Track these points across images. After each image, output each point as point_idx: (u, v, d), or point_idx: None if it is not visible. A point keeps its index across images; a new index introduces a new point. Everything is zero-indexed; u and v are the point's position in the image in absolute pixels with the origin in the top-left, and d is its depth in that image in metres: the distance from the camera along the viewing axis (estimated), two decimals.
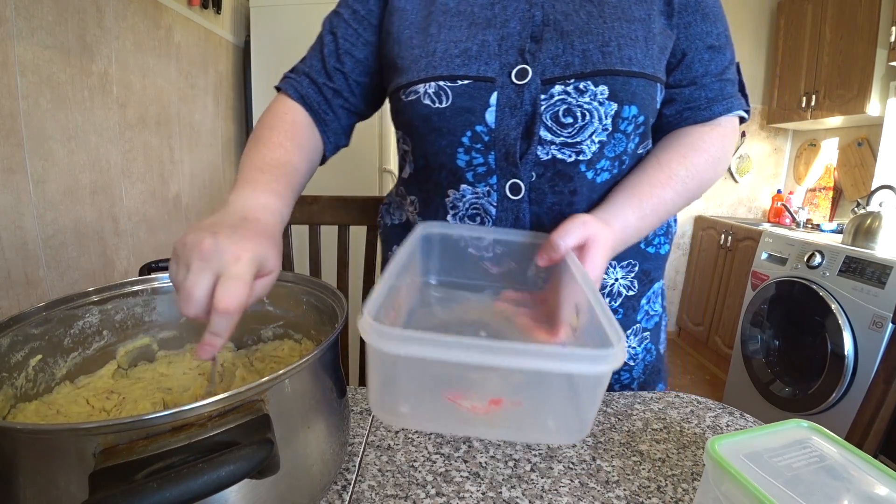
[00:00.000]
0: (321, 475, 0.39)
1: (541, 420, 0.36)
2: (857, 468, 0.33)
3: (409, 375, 0.34)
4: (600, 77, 0.53)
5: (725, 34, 0.60)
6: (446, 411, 0.34)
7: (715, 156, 0.60)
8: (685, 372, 2.72)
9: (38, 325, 0.43)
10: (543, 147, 0.55)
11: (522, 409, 0.35)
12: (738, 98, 0.62)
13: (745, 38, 2.90)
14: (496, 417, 0.34)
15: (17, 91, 1.04)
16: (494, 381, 0.34)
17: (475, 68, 0.55)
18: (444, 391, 0.33)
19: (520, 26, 0.55)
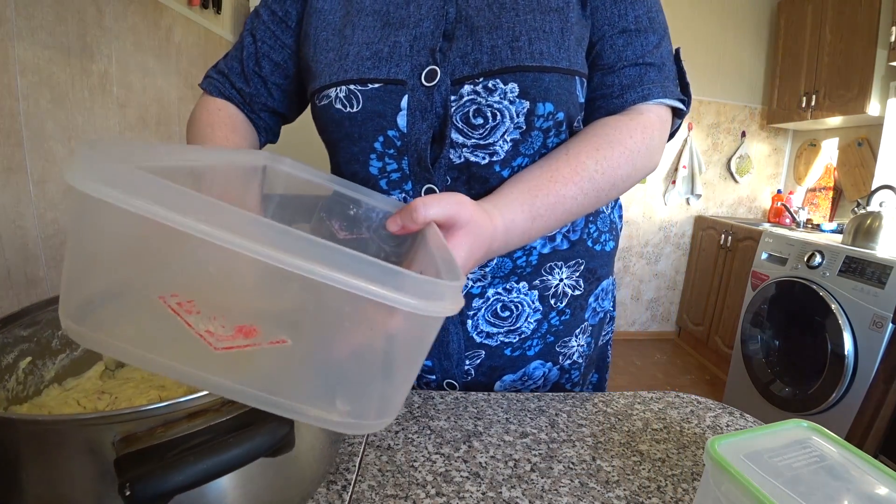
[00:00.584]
0: (316, 466, 0.40)
1: (315, 382, 0.24)
2: (857, 468, 0.33)
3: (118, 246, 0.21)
4: (509, 74, 0.50)
5: (648, 17, 0.55)
6: (163, 329, 0.21)
7: (632, 149, 0.53)
8: (685, 372, 2.72)
9: (26, 326, 0.42)
10: (455, 150, 0.53)
11: (287, 354, 0.22)
12: (663, 85, 0.56)
13: (745, 38, 2.90)
14: (241, 358, 0.22)
15: (17, 91, 1.04)
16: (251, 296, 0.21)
17: (385, 70, 0.52)
18: (164, 293, 0.20)
19: (433, 25, 0.53)
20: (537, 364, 0.63)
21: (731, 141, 3.02)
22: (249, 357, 0.22)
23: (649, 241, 3.07)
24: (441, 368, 0.62)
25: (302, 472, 0.39)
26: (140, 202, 0.18)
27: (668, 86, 0.57)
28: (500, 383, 0.64)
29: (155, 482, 0.26)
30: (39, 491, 0.31)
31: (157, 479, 0.26)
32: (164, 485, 0.26)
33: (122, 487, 0.25)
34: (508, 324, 0.61)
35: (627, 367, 2.75)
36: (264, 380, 0.23)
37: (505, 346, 0.61)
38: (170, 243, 0.19)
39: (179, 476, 0.26)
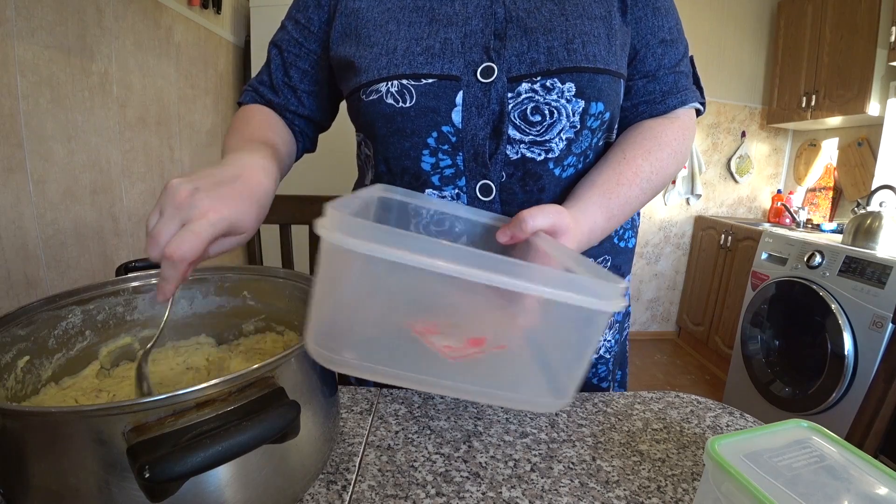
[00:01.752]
0: (313, 460, 0.41)
1: (520, 376, 0.29)
2: (857, 468, 0.33)
3: (367, 289, 0.26)
4: (567, 74, 0.52)
5: (677, 28, 0.61)
6: (408, 351, 0.26)
7: (677, 150, 0.59)
8: (685, 372, 2.72)
9: (24, 326, 0.43)
10: (513, 146, 0.54)
11: (505, 358, 0.28)
12: (693, 90, 0.62)
13: (745, 38, 2.90)
14: (470, 366, 0.27)
15: (17, 91, 1.04)
16: (479, 316, 0.27)
17: (439, 66, 0.53)
18: (410, 321, 0.26)
19: (482, 23, 0.54)
20: None
21: (731, 141, 3.02)
22: (478, 362, 0.27)
23: (649, 241, 3.07)
24: None
25: (295, 469, 0.39)
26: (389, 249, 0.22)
27: (694, 90, 0.62)
28: None
29: (172, 464, 0.27)
30: (47, 483, 0.31)
31: (174, 461, 0.27)
32: (182, 466, 0.27)
33: (141, 469, 0.26)
34: None
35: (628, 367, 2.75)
36: (486, 378, 0.27)
37: None
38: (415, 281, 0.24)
39: (195, 458, 0.27)
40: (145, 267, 0.54)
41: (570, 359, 0.28)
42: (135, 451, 0.28)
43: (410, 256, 0.22)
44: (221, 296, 0.57)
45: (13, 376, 0.41)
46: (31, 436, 0.31)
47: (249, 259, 1.05)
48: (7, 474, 0.33)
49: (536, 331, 0.28)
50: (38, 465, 0.31)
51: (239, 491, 0.34)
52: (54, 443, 0.30)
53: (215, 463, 0.28)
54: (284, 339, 0.56)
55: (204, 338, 0.57)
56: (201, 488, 0.32)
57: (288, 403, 0.32)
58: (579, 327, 0.27)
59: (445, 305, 0.26)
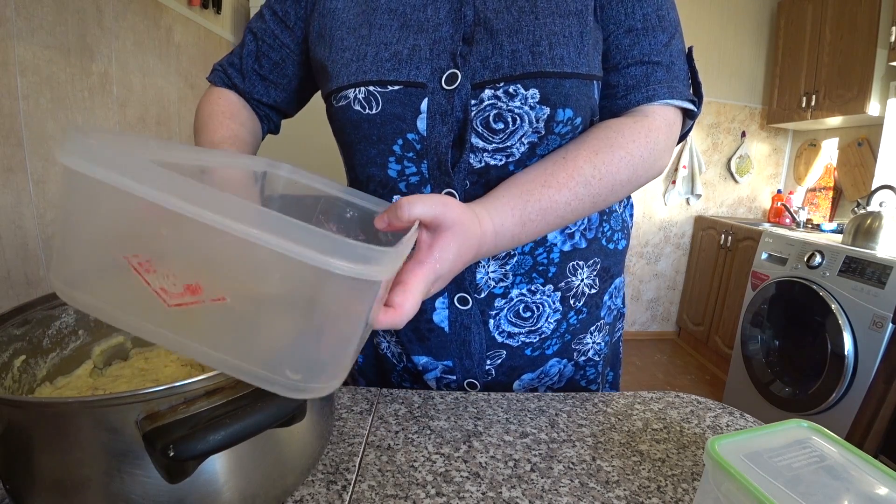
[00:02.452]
0: (308, 452, 0.41)
1: (258, 340, 0.26)
2: (857, 468, 0.33)
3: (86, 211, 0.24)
4: (530, 80, 0.49)
5: (657, 14, 0.53)
6: (125, 288, 0.24)
7: (635, 154, 0.51)
8: (685, 372, 2.72)
9: (19, 325, 0.43)
10: (476, 154, 0.53)
11: (229, 312, 0.24)
12: (671, 85, 0.54)
13: (745, 38, 2.90)
14: (189, 316, 0.24)
15: (17, 91, 1.04)
16: (199, 256, 0.23)
17: (406, 73, 0.52)
18: (128, 253, 0.23)
19: (452, 28, 0.52)
20: (553, 361, 0.64)
21: (731, 141, 3.02)
22: (198, 314, 0.24)
23: (649, 241, 3.07)
24: (462, 368, 0.62)
25: (290, 461, 0.40)
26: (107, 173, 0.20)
27: (676, 86, 0.54)
28: (520, 382, 0.64)
29: (195, 442, 0.28)
30: (56, 475, 0.32)
31: (197, 439, 0.28)
32: (205, 444, 0.28)
33: (165, 449, 0.28)
34: (530, 324, 0.61)
35: (627, 367, 2.75)
36: (210, 336, 0.25)
37: (525, 346, 0.62)
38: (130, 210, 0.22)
39: (217, 436, 0.29)
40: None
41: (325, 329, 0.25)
42: (151, 436, 0.29)
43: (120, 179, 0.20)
44: None
45: (10, 376, 0.41)
46: (40, 428, 0.31)
47: None
48: (12, 468, 0.33)
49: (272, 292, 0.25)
50: (46, 457, 0.32)
51: (235, 482, 0.35)
52: (64, 434, 0.31)
53: (234, 441, 0.29)
54: None
55: None
56: (199, 477, 0.33)
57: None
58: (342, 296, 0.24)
59: (155, 237, 0.23)
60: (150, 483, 0.31)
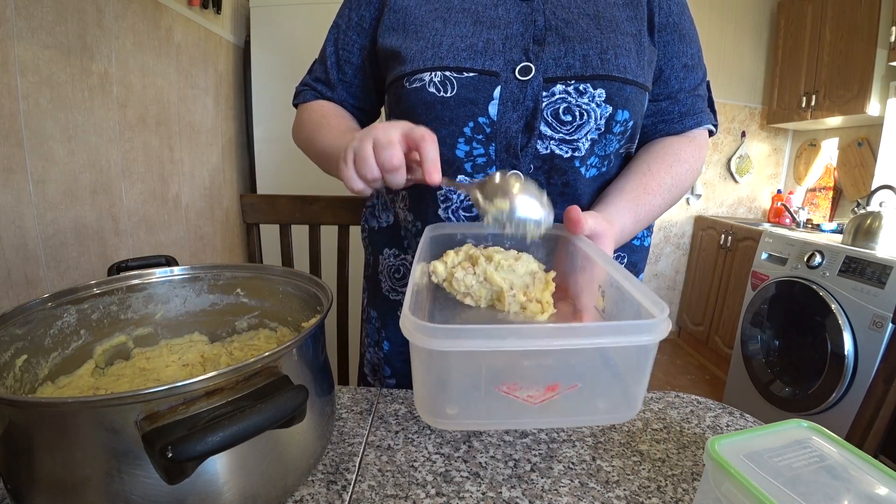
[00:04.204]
0: (309, 452, 0.42)
1: (593, 402, 0.35)
2: (857, 468, 0.33)
3: (460, 372, 0.33)
4: (598, 81, 0.56)
5: (698, 54, 0.66)
6: (500, 405, 0.33)
7: (693, 166, 0.65)
8: (685, 372, 2.72)
9: (21, 325, 0.43)
10: (543, 141, 0.58)
11: (577, 393, 0.34)
12: (708, 113, 0.67)
13: (745, 38, 2.90)
14: (550, 404, 0.33)
15: (17, 91, 1.04)
16: (549, 367, 0.33)
17: (480, 62, 0.57)
18: (497, 385, 0.32)
19: (523, 28, 0.58)
20: None
21: (731, 141, 3.02)
22: (556, 401, 0.33)
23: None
24: None
25: (290, 461, 0.40)
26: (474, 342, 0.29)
27: (709, 113, 0.68)
28: None
29: (194, 443, 0.28)
30: (56, 474, 0.32)
31: (196, 440, 0.28)
32: (203, 445, 0.28)
33: (164, 450, 0.28)
34: None
35: None
36: (565, 410, 0.34)
37: None
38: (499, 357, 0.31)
39: (215, 437, 0.29)
40: (137, 266, 0.54)
41: (633, 379, 0.34)
42: (151, 436, 0.29)
43: (483, 343, 0.28)
44: (214, 293, 0.57)
45: (12, 375, 0.41)
46: (40, 428, 0.31)
47: (249, 258, 1.05)
48: (13, 468, 0.33)
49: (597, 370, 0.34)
50: (46, 457, 0.32)
51: (235, 482, 0.35)
52: (64, 434, 0.31)
53: (233, 442, 0.29)
54: (277, 336, 0.57)
55: (197, 335, 0.57)
56: (199, 477, 0.33)
57: (296, 388, 0.34)
58: (635, 357, 0.33)
59: (520, 369, 0.32)
60: (150, 483, 0.31)
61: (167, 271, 0.55)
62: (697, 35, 0.67)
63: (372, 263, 0.76)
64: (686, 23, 0.65)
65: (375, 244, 0.75)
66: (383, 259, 0.73)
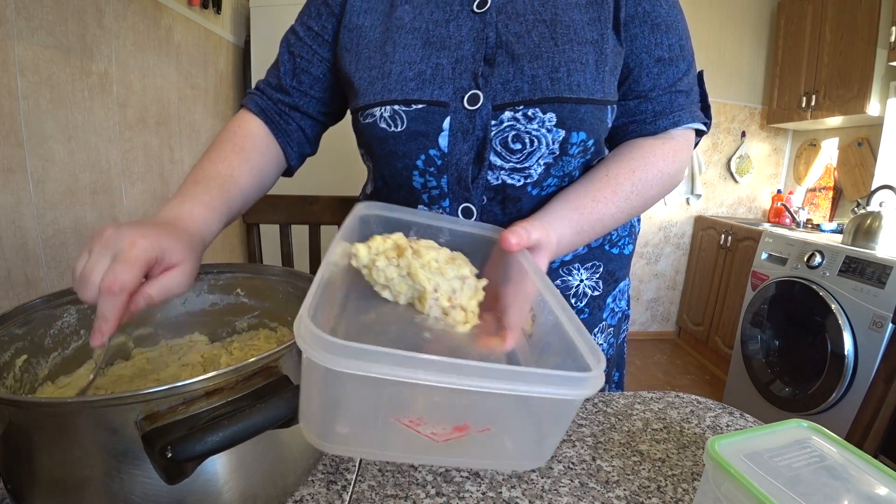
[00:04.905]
0: (309, 452, 0.42)
1: (502, 446, 0.32)
2: (857, 468, 0.33)
3: (357, 396, 0.29)
4: (548, 104, 0.52)
5: (679, 44, 0.58)
6: (399, 438, 0.29)
7: (664, 171, 0.58)
8: (685, 372, 2.72)
9: (21, 325, 0.43)
10: (493, 172, 0.55)
11: (490, 436, 0.30)
12: (690, 110, 0.60)
13: (745, 38, 2.90)
14: (457, 444, 0.29)
15: (17, 91, 1.04)
16: (462, 406, 0.29)
17: (429, 92, 0.54)
18: (399, 416, 0.28)
19: (474, 48, 0.55)
20: None
21: (731, 141, 3.02)
22: (463, 441, 0.30)
23: (649, 241, 3.07)
24: None
25: (289, 462, 0.40)
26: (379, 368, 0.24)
27: (694, 110, 0.60)
28: None
29: (193, 444, 0.28)
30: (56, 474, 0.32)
31: (195, 441, 0.28)
32: (203, 445, 0.28)
33: (164, 450, 0.28)
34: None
35: (628, 367, 2.74)
36: (473, 452, 0.31)
37: None
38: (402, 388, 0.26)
39: (215, 437, 0.29)
40: None
41: (551, 429, 0.31)
42: (151, 436, 0.29)
43: (389, 370, 0.24)
44: (214, 293, 0.57)
45: (12, 375, 0.41)
46: (40, 428, 0.31)
47: (249, 259, 1.05)
48: (13, 468, 0.33)
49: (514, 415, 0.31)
50: (46, 457, 0.32)
51: (235, 482, 0.35)
52: (64, 434, 0.31)
53: (233, 442, 0.30)
54: (277, 336, 0.57)
55: (197, 335, 0.57)
56: (199, 477, 0.33)
57: (296, 388, 0.34)
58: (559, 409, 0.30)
59: (427, 404, 0.29)
60: (150, 483, 0.31)
61: None
62: (679, 22, 0.59)
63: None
64: (661, 10, 0.57)
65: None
66: None
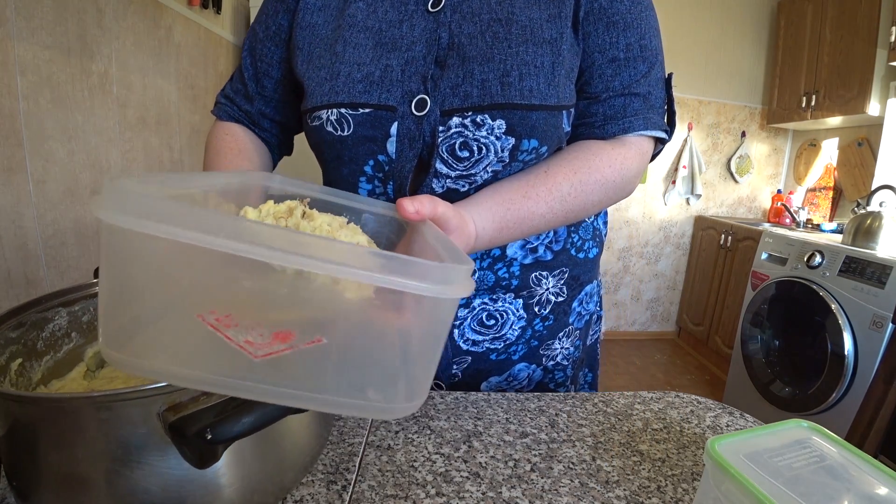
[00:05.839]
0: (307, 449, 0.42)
1: (345, 372, 0.25)
2: (857, 468, 0.33)
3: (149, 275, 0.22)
4: (498, 111, 0.50)
5: (640, 44, 0.54)
6: (207, 347, 0.22)
7: (608, 178, 0.54)
8: (685, 372, 2.72)
9: (14, 328, 0.42)
10: (439, 180, 0.53)
11: (323, 353, 0.23)
12: (646, 116, 0.55)
13: (745, 38, 2.90)
14: (281, 363, 0.22)
15: (17, 91, 1.04)
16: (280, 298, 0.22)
17: (376, 96, 0.52)
18: (202, 312, 0.21)
19: (425, 49, 0.53)
20: (522, 366, 0.64)
21: (731, 141, 3.02)
22: (288, 360, 0.22)
23: (649, 241, 3.07)
24: None
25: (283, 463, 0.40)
26: (171, 228, 0.18)
27: (650, 117, 0.56)
28: (486, 384, 0.65)
29: (231, 425, 0.29)
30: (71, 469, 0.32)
31: (232, 422, 0.29)
32: (240, 426, 0.29)
33: (202, 433, 0.29)
34: (494, 331, 0.61)
35: (627, 367, 2.75)
36: (304, 379, 0.23)
37: (490, 352, 0.62)
38: (202, 263, 0.20)
39: (249, 418, 0.30)
40: None
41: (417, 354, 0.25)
42: (180, 424, 0.30)
43: (185, 233, 0.18)
44: None
45: (8, 379, 0.41)
46: (51, 425, 0.32)
47: None
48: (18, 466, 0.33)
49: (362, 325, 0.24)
50: (54, 453, 0.32)
51: (234, 478, 0.35)
52: (74, 430, 0.31)
53: (263, 424, 0.30)
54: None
55: None
56: (200, 475, 0.33)
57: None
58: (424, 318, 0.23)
59: (236, 292, 0.22)
60: (155, 477, 0.32)
61: None
62: (645, 20, 0.54)
63: None
64: (621, 6, 0.53)
65: None
66: None
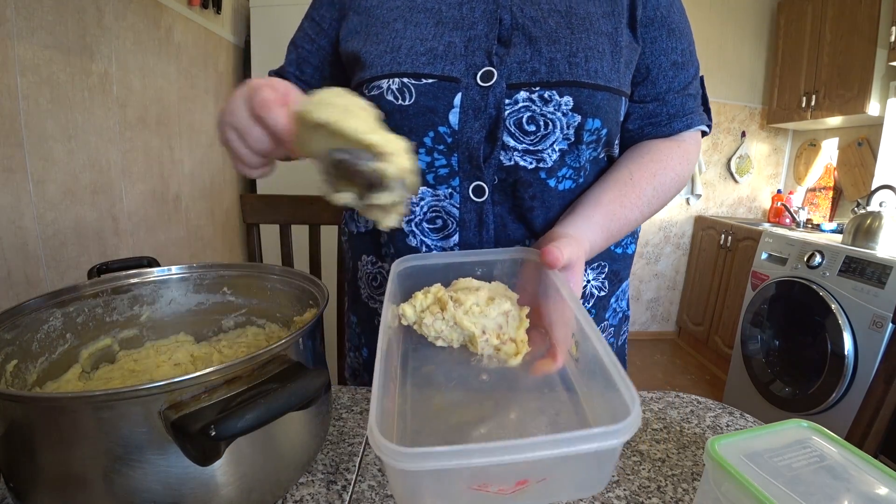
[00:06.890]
0: (305, 448, 0.42)
1: (562, 486, 0.37)
2: (857, 468, 0.33)
3: (432, 480, 0.34)
4: (566, 88, 0.52)
5: (690, 49, 0.61)
6: (472, 498, 0.35)
7: (679, 174, 0.60)
8: (685, 372, 2.72)
9: (9, 329, 0.42)
10: (506, 152, 0.54)
11: (547, 483, 0.35)
12: (700, 113, 0.62)
13: (745, 38, 2.90)
14: (521, 493, 0.34)
15: (17, 91, 1.04)
16: (518, 468, 0.33)
17: (440, 67, 0.53)
18: (469, 485, 0.34)
19: (487, 28, 0.54)
20: None
21: (731, 141, 3.02)
22: (525, 491, 0.33)
23: (649, 241, 3.07)
24: None
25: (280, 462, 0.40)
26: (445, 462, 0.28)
27: (702, 113, 0.63)
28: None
29: (234, 421, 0.30)
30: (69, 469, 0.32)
31: (236, 418, 0.30)
32: (244, 422, 0.30)
33: (206, 429, 0.29)
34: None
35: (628, 368, 2.75)
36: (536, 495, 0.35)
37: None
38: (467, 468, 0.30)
39: (252, 414, 0.30)
40: (119, 268, 0.54)
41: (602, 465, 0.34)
42: (182, 422, 0.30)
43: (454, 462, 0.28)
44: (200, 293, 0.57)
45: (3, 381, 0.40)
46: (53, 424, 0.32)
47: (249, 259, 1.05)
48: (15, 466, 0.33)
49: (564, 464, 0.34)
50: (51, 454, 0.32)
51: (232, 475, 0.36)
52: (79, 429, 0.31)
53: (267, 419, 0.31)
54: (266, 332, 0.57)
55: (183, 336, 0.57)
56: (198, 473, 0.33)
57: (315, 370, 0.36)
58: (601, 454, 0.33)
59: (490, 472, 0.33)
60: (153, 476, 0.32)
61: (153, 272, 0.55)
62: (689, 27, 0.62)
63: (352, 268, 0.73)
64: (675, 16, 0.59)
65: (355, 249, 0.71)
66: (362, 266, 0.69)
